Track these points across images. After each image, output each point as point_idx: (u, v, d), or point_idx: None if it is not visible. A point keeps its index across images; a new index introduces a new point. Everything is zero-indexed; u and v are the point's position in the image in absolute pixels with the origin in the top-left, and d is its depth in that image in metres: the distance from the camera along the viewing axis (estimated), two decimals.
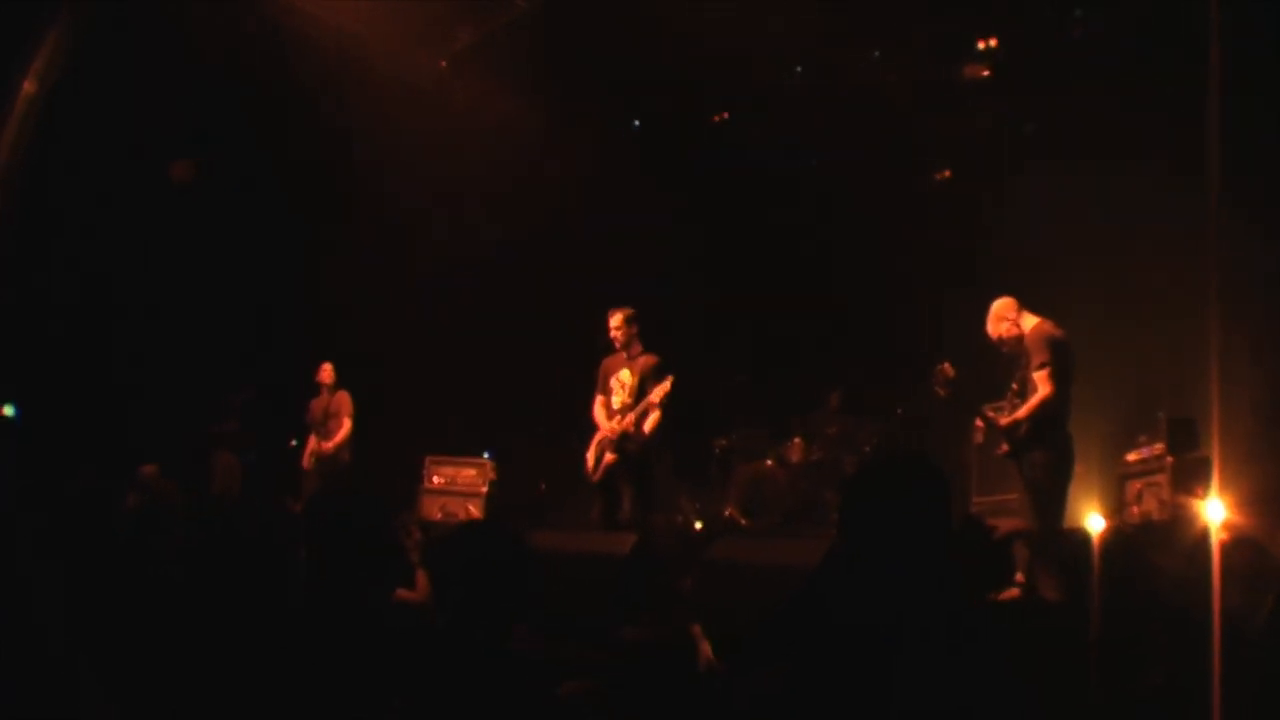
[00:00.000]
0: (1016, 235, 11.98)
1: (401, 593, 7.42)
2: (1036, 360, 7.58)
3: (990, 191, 12.58)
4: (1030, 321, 7.84)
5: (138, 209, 11.34)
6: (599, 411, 9.27)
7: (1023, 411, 7.60)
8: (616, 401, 9.17)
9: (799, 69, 13.19)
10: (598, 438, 9.25)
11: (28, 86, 8.21)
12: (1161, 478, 9.14)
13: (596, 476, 9.18)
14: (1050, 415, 7.52)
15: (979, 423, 8.09)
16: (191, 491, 9.03)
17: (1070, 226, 11.51)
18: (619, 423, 9.02)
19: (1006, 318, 7.90)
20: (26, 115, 8.24)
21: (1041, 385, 7.51)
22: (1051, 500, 7.52)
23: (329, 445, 11.93)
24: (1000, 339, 7.92)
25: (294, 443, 12.48)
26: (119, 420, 10.67)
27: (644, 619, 3.47)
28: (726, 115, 14.01)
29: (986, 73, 12.16)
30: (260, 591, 4.04)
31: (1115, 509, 9.63)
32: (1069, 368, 7.70)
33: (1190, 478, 8.75)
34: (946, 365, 8.02)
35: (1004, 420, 7.73)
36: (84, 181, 10.61)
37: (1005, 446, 7.73)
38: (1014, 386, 7.89)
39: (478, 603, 4.14)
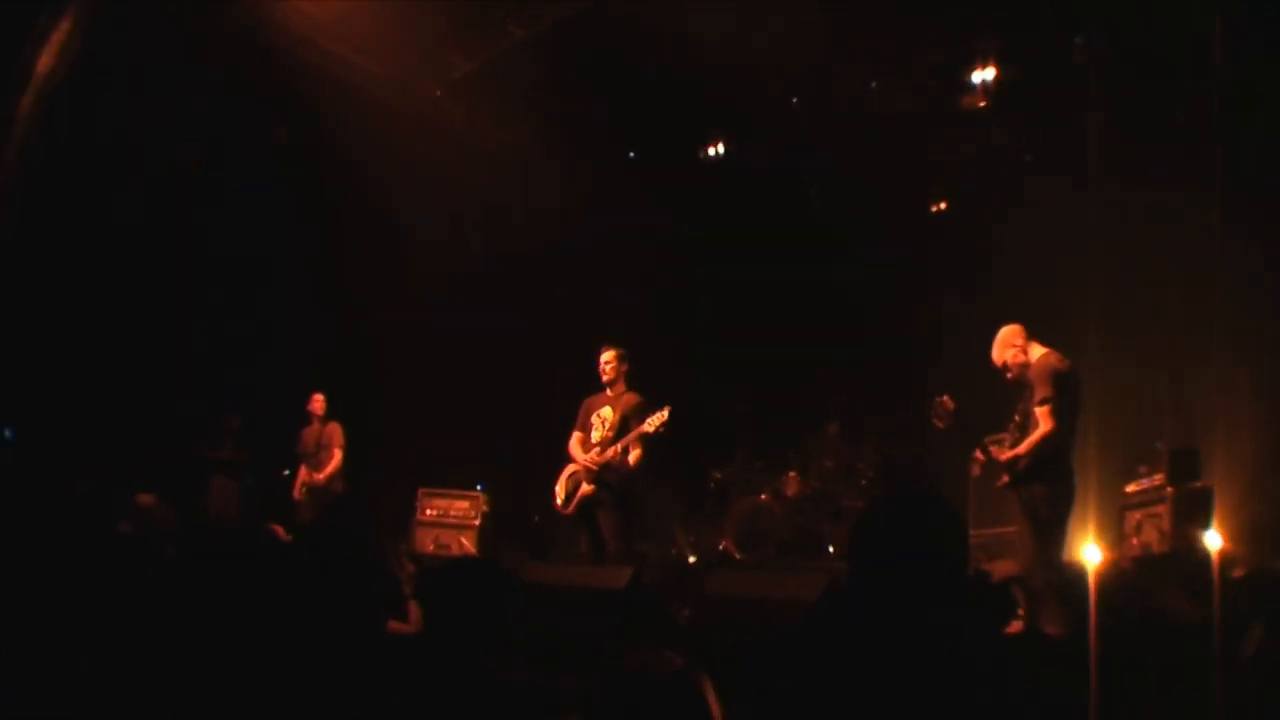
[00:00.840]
0: (1016, 263, 11.93)
1: (394, 625, 7.34)
2: (1039, 395, 7.47)
3: (990, 219, 12.54)
4: (1037, 352, 7.72)
5: (133, 232, 11.28)
6: (575, 447, 9.21)
7: (1023, 447, 7.52)
8: (596, 436, 9.11)
9: (794, 98, 13.15)
10: (567, 471, 9.20)
11: (25, 102, 8.09)
12: (1162, 508, 9.00)
13: (569, 510, 9.13)
14: (1051, 451, 7.42)
15: (979, 455, 7.96)
16: (188, 516, 8.98)
17: (1071, 254, 11.47)
18: (599, 454, 8.94)
19: (1013, 344, 7.79)
20: (23, 137, 8.14)
21: (1043, 421, 7.41)
22: (1052, 533, 7.41)
23: (320, 476, 11.88)
24: (1005, 365, 7.80)
25: (286, 473, 12.39)
26: (113, 443, 10.56)
27: (645, 656, 3.37)
28: (721, 145, 13.92)
29: (984, 103, 12.11)
30: (248, 616, 3.98)
31: (1115, 540, 9.53)
32: (1074, 402, 7.58)
33: (1192, 508, 8.64)
34: (946, 398, 7.93)
35: (1005, 455, 7.64)
36: (79, 202, 10.54)
37: (1005, 478, 7.63)
38: (1016, 419, 7.81)
39: (468, 635, 4.07)
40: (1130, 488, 9.72)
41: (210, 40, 10.81)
